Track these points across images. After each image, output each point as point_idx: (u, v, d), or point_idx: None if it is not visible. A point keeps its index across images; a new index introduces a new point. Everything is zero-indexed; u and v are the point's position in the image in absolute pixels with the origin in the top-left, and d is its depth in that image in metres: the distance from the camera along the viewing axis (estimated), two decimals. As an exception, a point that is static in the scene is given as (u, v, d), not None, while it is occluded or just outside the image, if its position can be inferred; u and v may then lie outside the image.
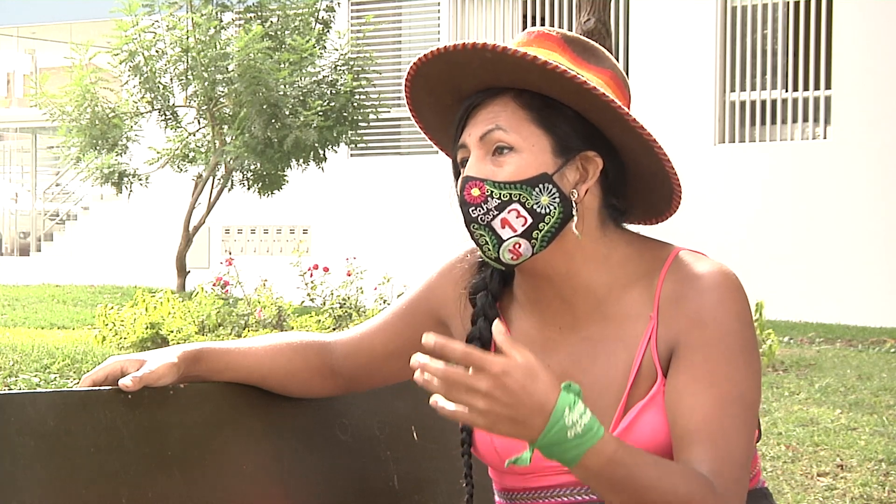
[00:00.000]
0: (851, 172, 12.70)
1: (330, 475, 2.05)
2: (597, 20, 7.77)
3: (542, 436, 1.55)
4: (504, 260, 1.81)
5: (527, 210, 1.78)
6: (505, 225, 1.78)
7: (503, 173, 1.79)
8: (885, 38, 12.68)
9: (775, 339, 8.29)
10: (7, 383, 6.78)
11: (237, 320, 9.25)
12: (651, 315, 1.81)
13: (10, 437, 1.70)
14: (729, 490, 1.68)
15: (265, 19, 13.33)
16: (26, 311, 12.67)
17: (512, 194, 1.78)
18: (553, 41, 1.88)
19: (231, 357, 1.97)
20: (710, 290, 1.77)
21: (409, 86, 1.90)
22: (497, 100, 1.82)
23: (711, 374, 1.73)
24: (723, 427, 1.70)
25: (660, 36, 13.67)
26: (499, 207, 1.78)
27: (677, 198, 1.87)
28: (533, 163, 1.79)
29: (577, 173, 1.82)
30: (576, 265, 1.83)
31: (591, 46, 1.90)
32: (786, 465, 5.31)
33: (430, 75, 1.87)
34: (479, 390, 1.52)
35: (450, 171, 1.94)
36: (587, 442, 1.56)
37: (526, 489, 1.86)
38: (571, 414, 1.55)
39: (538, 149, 1.80)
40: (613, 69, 1.89)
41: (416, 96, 1.92)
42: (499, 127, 1.80)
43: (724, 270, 1.80)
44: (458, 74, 1.84)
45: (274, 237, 16.04)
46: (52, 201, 21.92)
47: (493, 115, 1.81)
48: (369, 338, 2.02)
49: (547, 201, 1.78)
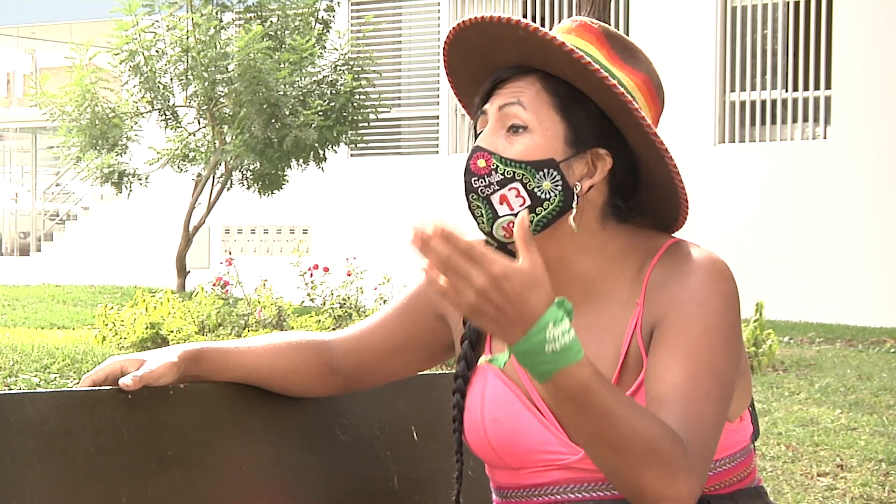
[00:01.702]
0: (851, 172, 12.70)
1: (330, 475, 2.05)
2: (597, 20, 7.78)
3: (519, 343, 1.54)
4: (496, 236, 1.81)
5: (527, 191, 1.78)
6: (503, 201, 1.79)
7: (512, 150, 1.79)
8: (885, 38, 12.68)
9: (775, 339, 8.29)
10: (7, 383, 6.78)
11: (237, 320, 9.25)
12: (638, 301, 1.81)
13: (10, 437, 1.70)
14: (697, 453, 1.65)
15: (265, 19, 13.34)
16: (26, 311, 12.67)
17: (516, 172, 1.78)
18: (592, 33, 1.88)
19: (231, 357, 1.97)
20: (695, 273, 1.78)
21: (447, 49, 1.91)
22: (525, 78, 1.83)
23: (686, 345, 1.73)
24: (694, 394, 1.69)
25: (660, 36, 13.67)
26: (501, 183, 1.79)
27: (684, 213, 1.87)
28: (543, 146, 1.80)
29: (585, 168, 1.82)
30: (569, 253, 1.84)
31: (632, 46, 1.90)
32: (786, 465, 5.31)
33: (467, 42, 1.88)
34: (473, 284, 1.51)
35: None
36: (562, 360, 1.55)
37: (519, 487, 1.86)
38: (554, 329, 1.54)
39: (551, 134, 1.80)
40: (649, 73, 1.89)
41: (453, 61, 1.93)
42: (519, 102, 1.81)
43: (712, 257, 1.80)
44: (493, 47, 1.85)
45: (274, 237, 16.04)
46: (52, 201, 21.93)
47: (517, 90, 1.82)
48: (369, 335, 2.02)
49: (549, 187, 1.79)
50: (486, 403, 1.86)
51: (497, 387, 1.86)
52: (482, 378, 1.89)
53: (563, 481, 1.82)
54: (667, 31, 13.66)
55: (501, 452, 1.85)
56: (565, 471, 1.81)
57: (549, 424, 1.82)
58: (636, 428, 1.60)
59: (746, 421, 1.89)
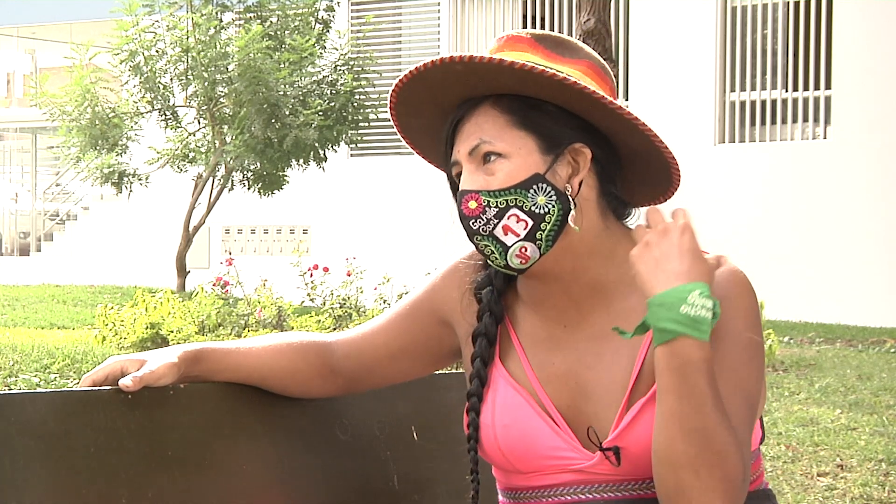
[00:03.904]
0: (851, 172, 12.70)
1: (330, 475, 2.05)
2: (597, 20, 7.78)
3: (662, 293, 1.67)
4: (513, 265, 1.81)
5: (525, 213, 1.79)
6: (507, 231, 1.79)
7: (496, 181, 1.80)
8: (885, 38, 12.68)
9: (775, 339, 8.29)
10: (7, 383, 6.77)
11: (237, 320, 9.25)
12: None
13: (10, 437, 1.70)
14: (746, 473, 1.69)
15: (265, 19, 13.34)
16: (26, 311, 12.67)
17: (508, 200, 1.79)
18: (524, 42, 1.88)
19: (231, 357, 1.97)
20: (718, 288, 1.77)
21: (395, 113, 1.92)
22: (478, 110, 1.84)
23: (716, 365, 1.72)
24: (728, 415, 1.70)
25: (660, 36, 13.67)
26: (498, 215, 1.79)
27: (676, 172, 1.88)
28: (523, 165, 1.80)
29: (568, 167, 1.82)
30: (582, 262, 1.84)
31: (563, 40, 1.90)
32: (786, 465, 5.31)
33: (410, 100, 1.89)
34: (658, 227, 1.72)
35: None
36: (690, 329, 1.65)
37: (530, 488, 1.86)
38: (698, 298, 1.66)
39: (525, 151, 1.81)
40: (590, 58, 1.89)
41: (404, 122, 1.94)
42: (483, 140, 1.81)
43: (732, 269, 1.81)
44: (437, 92, 1.86)
45: (274, 237, 16.04)
46: (52, 201, 21.92)
47: (476, 128, 1.83)
48: (371, 338, 2.01)
49: (544, 201, 1.79)
50: (497, 409, 1.86)
51: (508, 392, 1.86)
52: (493, 384, 1.89)
53: (574, 482, 1.82)
54: (667, 31, 13.66)
55: (512, 457, 1.85)
56: (577, 473, 1.81)
57: (560, 430, 1.82)
58: (719, 428, 1.65)
59: (756, 424, 1.89)
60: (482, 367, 1.89)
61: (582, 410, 1.82)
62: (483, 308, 1.91)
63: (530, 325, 1.89)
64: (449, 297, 1.97)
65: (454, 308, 1.97)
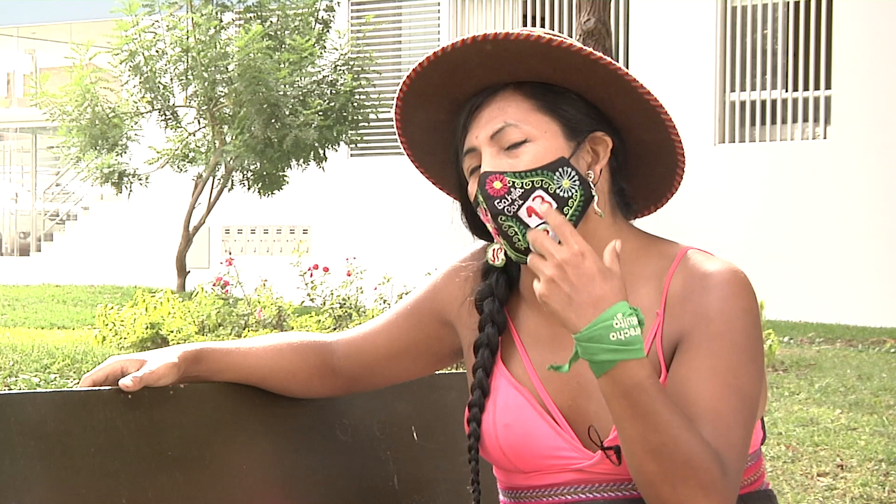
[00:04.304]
0: (851, 172, 12.70)
1: (330, 475, 2.05)
2: (597, 20, 7.78)
3: (588, 328, 1.61)
4: None
5: (550, 195, 1.77)
6: (531, 213, 1.77)
7: (522, 163, 1.78)
8: (885, 38, 12.68)
9: (775, 339, 8.29)
10: (7, 383, 6.77)
11: (237, 320, 9.24)
12: (658, 311, 1.81)
13: (10, 437, 1.70)
14: (731, 472, 1.67)
15: (265, 19, 13.33)
16: (26, 311, 12.67)
17: (534, 181, 1.77)
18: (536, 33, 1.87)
19: (231, 357, 1.97)
20: (718, 287, 1.77)
21: (402, 105, 1.89)
22: (499, 95, 1.82)
23: (713, 365, 1.73)
24: (724, 417, 1.70)
25: (660, 36, 13.67)
26: (523, 196, 1.77)
27: (680, 175, 1.87)
28: (549, 149, 1.79)
29: (589, 155, 1.82)
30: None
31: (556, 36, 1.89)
32: (786, 465, 5.31)
33: (423, 89, 1.86)
34: (554, 258, 1.64)
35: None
36: (625, 353, 1.61)
37: (531, 487, 1.86)
38: (623, 320, 1.61)
39: (550, 135, 1.80)
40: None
41: (407, 115, 1.91)
42: (508, 123, 1.80)
43: (732, 269, 1.80)
44: (455, 79, 1.83)
45: (274, 237, 16.04)
46: (52, 201, 21.92)
47: (498, 112, 1.81)
48: (372, 338, 2.01)
49: (568, 185, 1.78)
50: (498, 409, 1.86)
51: (509, 393, 1.86)
52: (494, 384, 1.88)
53: (575, 482, 1.82)
54: (667, 31, 13.66)
55: (513, 457, 1.85)
56: (577, 473, 1.81)
57: (561, 430, 1.82)
58: (680, 439, 1.63)
59: (758, 425, 1.89)
60: (484, 378, 1.89)
61: (583, 410, 1.82)
62: (485, 318, 1.90)
63: (533, 324, 1.89)
64: (450, 298, 1.97)
65: (456, 310, 1.97)
